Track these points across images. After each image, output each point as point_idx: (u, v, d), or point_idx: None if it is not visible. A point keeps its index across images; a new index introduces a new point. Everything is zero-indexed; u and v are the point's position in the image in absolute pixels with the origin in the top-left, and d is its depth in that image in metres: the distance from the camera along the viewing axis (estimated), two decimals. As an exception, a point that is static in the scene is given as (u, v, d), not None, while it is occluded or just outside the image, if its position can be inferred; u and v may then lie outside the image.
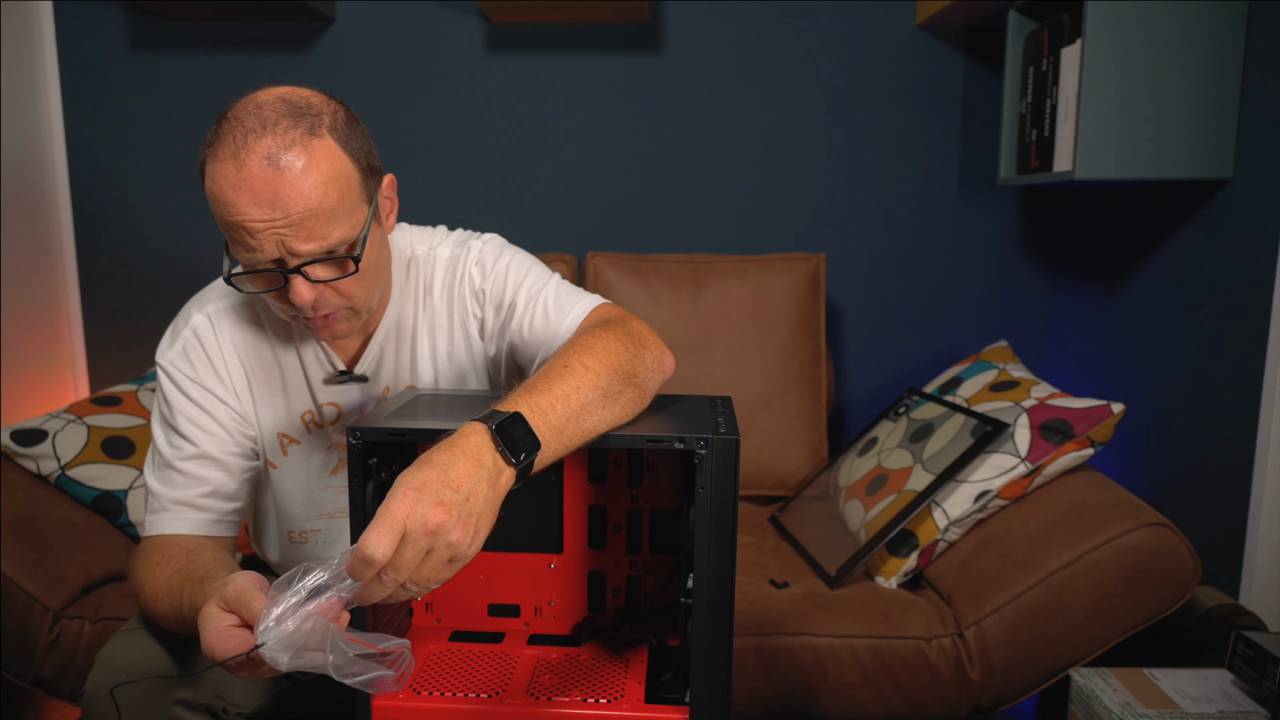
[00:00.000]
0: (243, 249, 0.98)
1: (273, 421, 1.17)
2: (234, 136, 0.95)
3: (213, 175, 0.96)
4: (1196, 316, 1.65)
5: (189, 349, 1.14)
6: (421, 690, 0.92)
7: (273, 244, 0.96)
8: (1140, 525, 1.41)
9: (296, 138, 0.96)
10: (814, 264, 2.06)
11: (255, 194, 0.94)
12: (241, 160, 0.94)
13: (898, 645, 1.44)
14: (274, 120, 0.96)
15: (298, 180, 0.95)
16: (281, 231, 0.96)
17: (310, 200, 0.95)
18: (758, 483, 2.02)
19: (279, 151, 0.95)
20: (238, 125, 0.96)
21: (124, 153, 2.19)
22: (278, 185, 0.94)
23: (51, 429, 1.71)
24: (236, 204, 0.95)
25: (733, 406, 0.97)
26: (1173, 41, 1.55)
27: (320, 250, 0.98)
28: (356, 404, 1.18)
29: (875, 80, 2.14)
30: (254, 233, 0.96)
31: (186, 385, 1.13)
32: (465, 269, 1.17)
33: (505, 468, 0.79)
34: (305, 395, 1.17)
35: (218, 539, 1.13)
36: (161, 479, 1.13)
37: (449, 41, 2.15)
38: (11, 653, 1.48)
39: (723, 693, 0.87)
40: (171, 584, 1.00)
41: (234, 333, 1.15)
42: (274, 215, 0.95)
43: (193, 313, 1.16)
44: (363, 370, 1.17)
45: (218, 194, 0.96)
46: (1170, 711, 1.23)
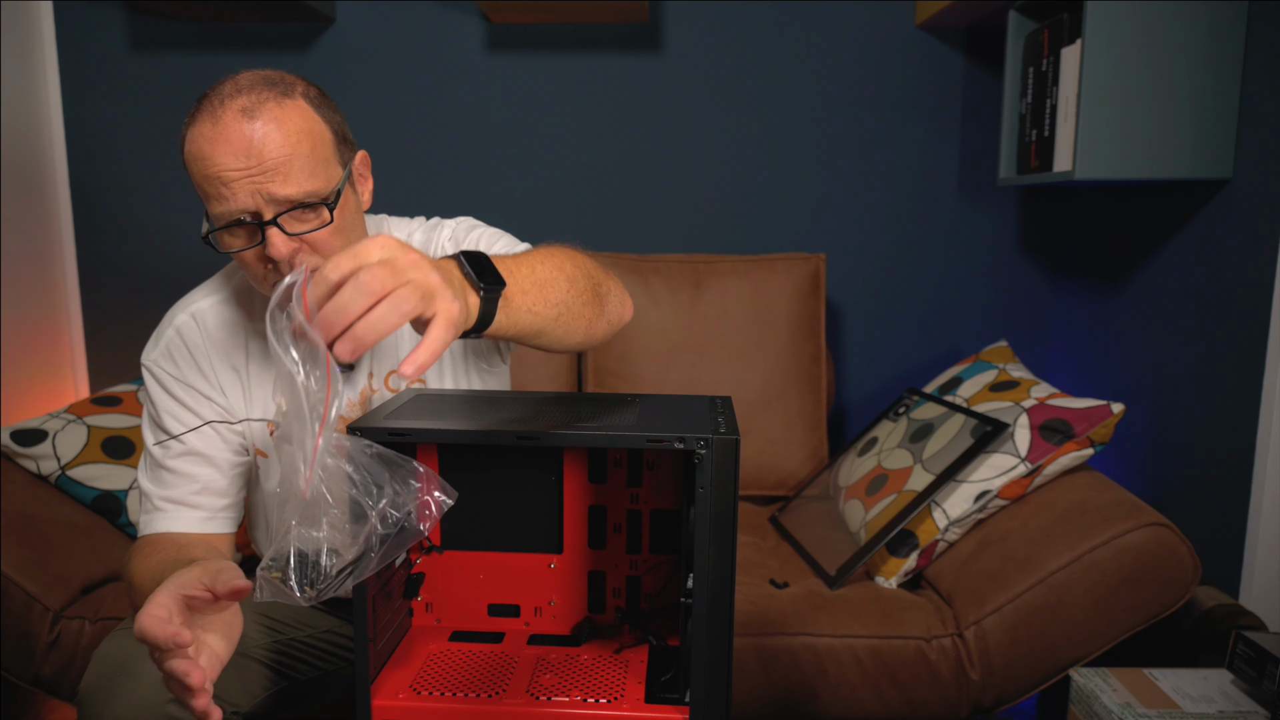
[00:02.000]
0: (219, 202, 1.00)
1: (263, 413, 1.18)
2: (210, 103, 1.01)
3: (191, 139, 1.00)
4: (1196, 316, 1.65)
5: (172, 348, 1.15)
6: (422, 690, 0.92)
7: (248, 193, 0.99)
8: (1140, 525, 1.41)
9: (270, 96, 1.01)
10: (814, 264, 2.06)
11: (230, 144, 0.98)
12: (218, 117, 0.99)
13: (898, 645, 1.44)
14: (249, 85, 1.01)
15: (271, 130, 0.99)
16: (256, 179, 0.98)
17: (283, 147, 0.99)
18: (758, 483, 2.02)
19: (253, 106, 0.99)
20: (214, 94, 1.02)
21: (124, 152, 2.19)
22: (252, 134, 0.98)
23: (52, 429, 1.72)
24: (212, 156, 0.98)
25: (733, 406, 0.97)
26: (1173, 41, 1.55)
27: (296, 195, 1.00)
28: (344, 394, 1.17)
29: (875, 80, 2.14)
30: (229, 182, 0.98)
31: (171, 384, 1.14)
32: (438, 246, 1.19)
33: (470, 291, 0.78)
34: None
35: (212, 535, 1.14)
36: (153, 479, 1.14)
37: (449, 41, 2.15)
38: (12, 653, 1.48)
39: (723, 693, 0.87)
40: (158, 571, 1.01)
41: (217, 329, 1.16)
42: (249, 163, 0.98)
43: (176, 314, 1.18)
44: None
45: (194, 152, 1.00)
46: (1170, 711, 1.23)
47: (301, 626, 1.25)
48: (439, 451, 1.02)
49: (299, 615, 1.26)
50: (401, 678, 0.94)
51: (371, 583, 0.90)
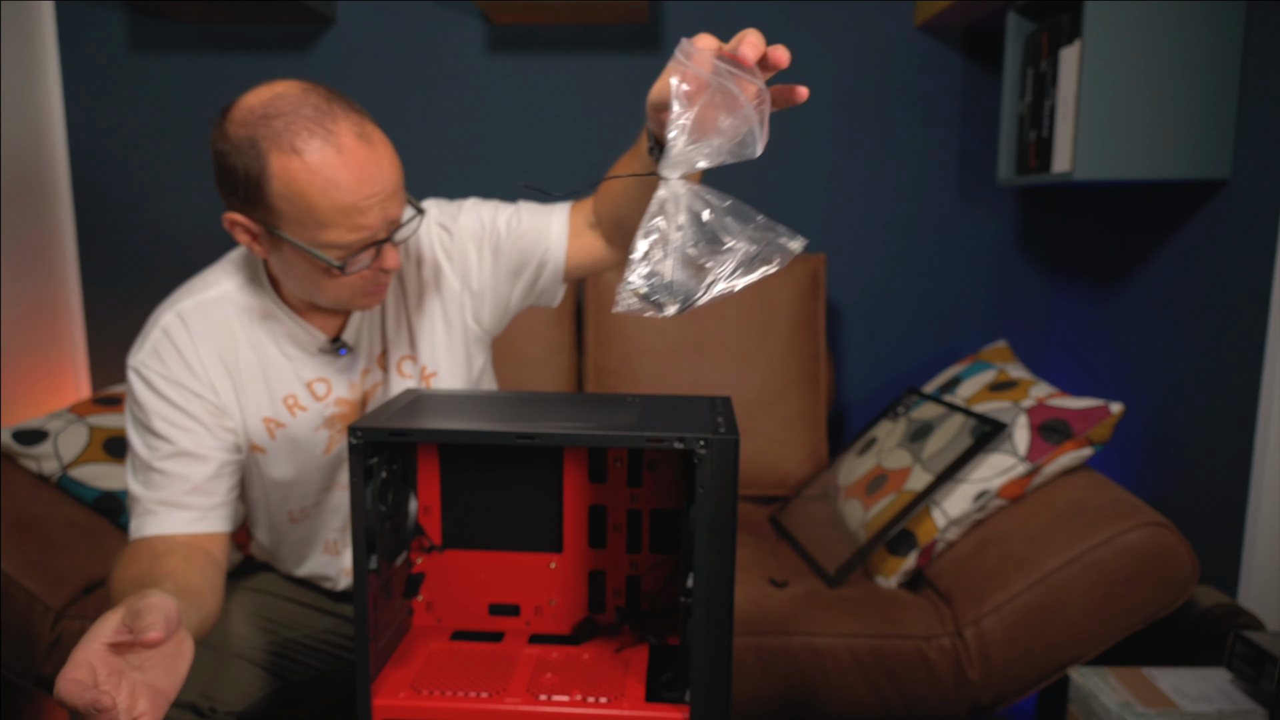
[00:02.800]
0: (352, 231, 0.99)
1: (256, 409, 1.16)
2: (305, 128, 0.97)
3: (307, 168, 0.96)
4: (1195, 316, 1.66)
5: (159, 347, 1.13)
6: (422, 689, 0.92)
7: (379, 218, 1.00)
8: (1139, 525, 1.41)
9: (358, 115, 1.01)
10: (814, 264, 2.06)
11: (363, 169, 0.98)
12: (337, 143, 0.97)
13: (897, 645, 1.44)
14: (326, 105, 0.99)
15: (384, 150, 1.01)
16: (385, 203, 1.00)
17: (396, 167, 1.02)
18: (758, 483, 2.02)
19: (360, 129, 0.99)
20: (295, 118, 0.97)
21: (126, 152, 2.19)
22: (376, 158, 0.99)
23: (53, 429, 1.72)
24: (349, 184, 0.97)
25: (733, 406, 0.98)
26: (1171, 42, 1.55)
27: (402, 214, 1.04)
28: (344, 377, 1.19)
29: (875, 80, 2.15)
30: (365, 210, 0.99)
31: (159, 383, 1.12)
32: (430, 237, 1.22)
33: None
34: (286, 379, 1.17)
35: (203, 536, 1.11)
36: (143, 481, 1.11)
37: (449, 42, 2.15)
38: (13, 652, 1.49)
39: (723, 692, 0.87)
40: (125, 589, 0.97)
41: (205, 328, 1.14)
42: (377, 188, 0.99)
43: (161, 314, 1.17)
44: (348, 340, 1.19)
45: (325, 181, 0.97)
46: (1169, 711, 1.23)
47: (298, 627, 1.25)
48: (439, 451, 1.02)
49: (296, 616, 1.26)
50: (402, 677, 0.94)
51: (372, 582, 0.90)
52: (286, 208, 0.99)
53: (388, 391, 1.22)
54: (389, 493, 0.94)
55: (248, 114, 0.99)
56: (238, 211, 1.05)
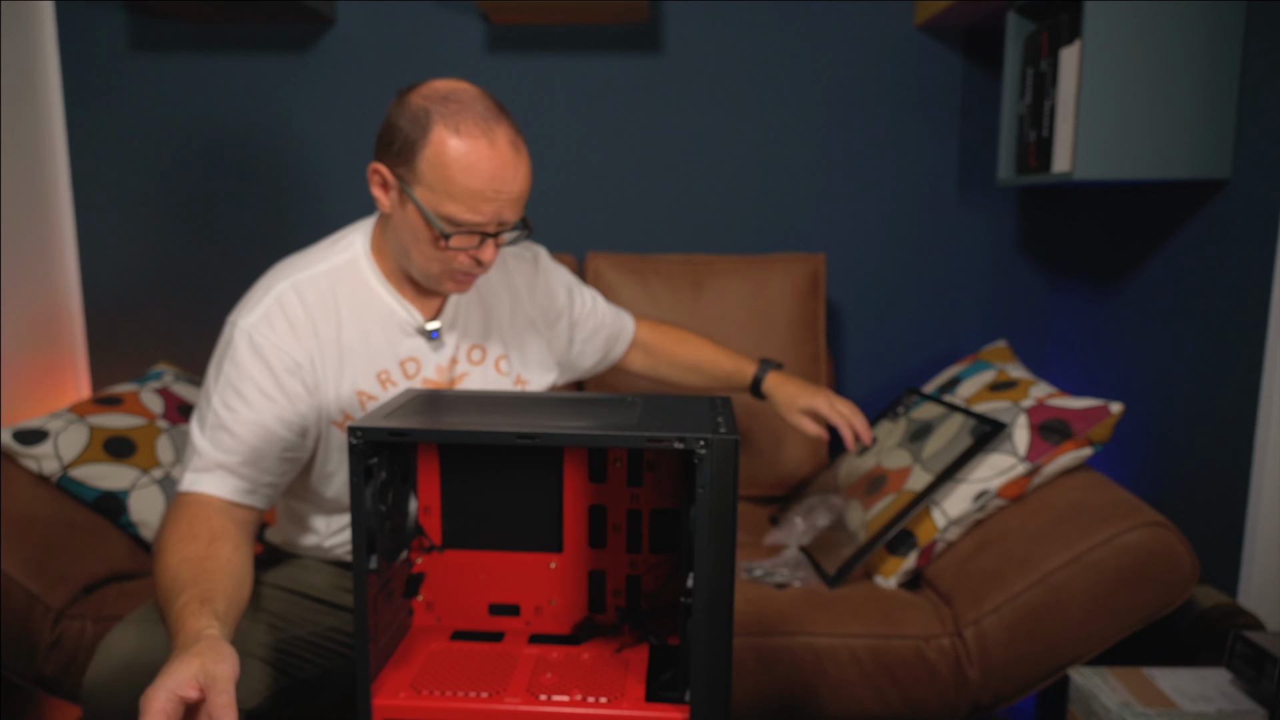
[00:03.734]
0: (470, 211, 1.14)
1: (352, 381, 1.24)
2: (474, 118, 1.13)
3: (462, 148, 1.12)
4: (1195, 316, 1.66)
5: (271, 315, 1.19)
6: (422, 689, 0.92)
7: (495, 212, 1.15)
8: (1139, 525, 1.41)
9: (517, 133, 1.17)
10: (814, 264, 2.06)
11: (505, 169, 1.14)
12: (494, 139, 1.13)
13: (897, 645, 1.44)
14: (496, 113, 1.16)
15: (525, 165, 1.17)
16: (504, 204, 1.15)
17: (526, 183, 1.18)
18: (758, 483, 2.02)
19: (515, 139, 1.16)
20: (468, 109, 1.14)
21: (125, 152, 2.19)
22: (519, 165, 1.16)
23: (53, 429, 1.72)
24: (487, 173, 1.13)
25: (733, 406, 0.98)
26: (1172, 42, 1.55)
27: (517, 220, 1.20)
28: (432, 359, 1.29)
29: (875, 80, 2.15)
30: (489, 200, 1.14)
31: (266, 349, 1.18)
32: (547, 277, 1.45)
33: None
34: (382, 355, 1.26)
35: (246, 509, 1.17)
36: (210, 439, 1.16)
37: (449, 42, 2.15)
38: (13, 652, 1.49)
39: (723, 692, 0.87)
40: (181, 572, 1.02)
41: (317, 300, 1.22)
42: (505, 189, 1.15)
43: (275, 282, 1.23)
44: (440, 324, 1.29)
45: (470, 162, 1.12)
46: (1169, 711, 1.23)
47: (304, 624, 1.25)
48: (439, 451, 1.02)
49: (302, 613, 1.26)
50: (402, 677, 0.94)
51: (372, 582, 0.90)
52: (428, 172, 1.14)
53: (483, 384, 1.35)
54: (389, 492, 0.94)
55: (431, 92, 1.16)
56: (384, 164, 1.18)
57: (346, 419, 1.24)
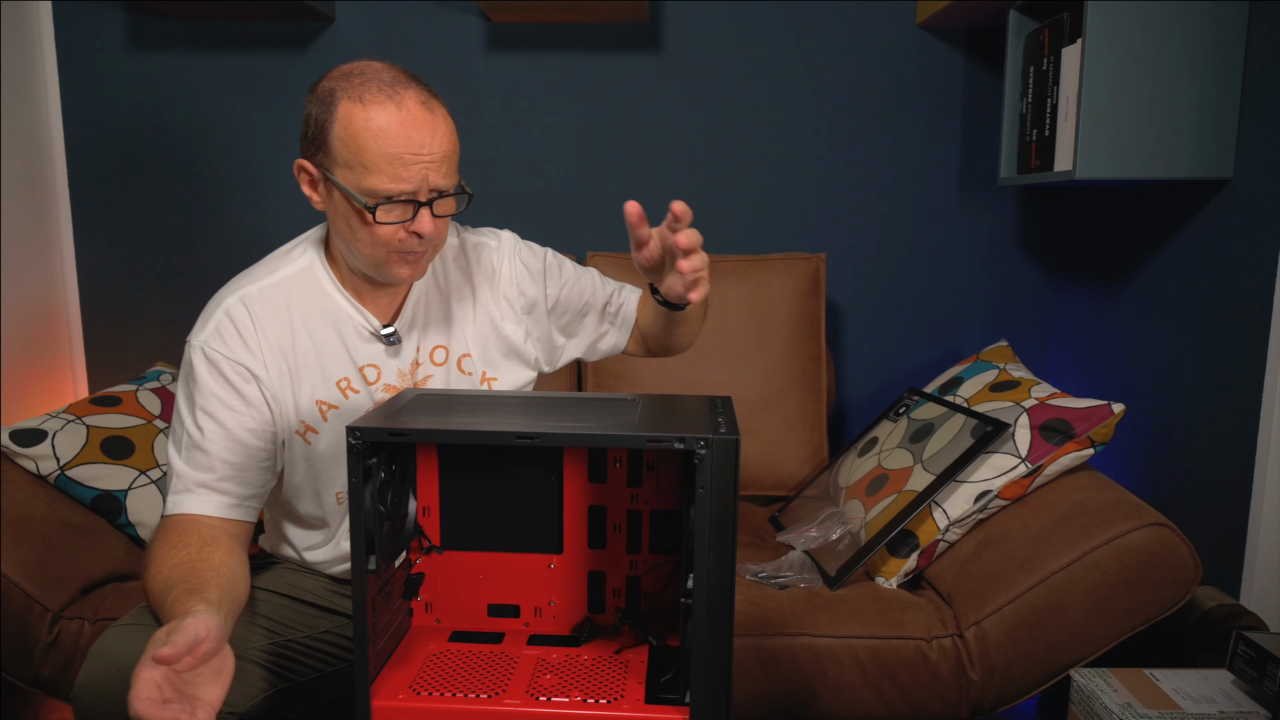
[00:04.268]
0: (390, 180, 1.08)
1: (310, 391, 1.21)
2: (379, 85, 1.09)
3: (367, 115, 1.08)
4: (1196, 316, 1.65)
5: (221, 328, 1.18)
6: (421, 690, 0.92)
7: (419, 177, 1.09)
8: (1141, 525, 1.41)
9: (431, 94, 1.12)
10: (814, 264, 2.05)
11: (418, 129, 1.08)
12: (400, 101, 1.08)
13: (898, 645, 1.44)
14: (404, 79, 1.11)
15: (443, 124, 1.11)
16: (428, 166, 1.10)
17: (450, 142, 1.12)
18: (758, 483, 2.01)
19: (428, 100, 1.11)
20: (373, 79, 1.09)
21: (123, 152, 2.19)
22: (434, 124, 1.10)
23: (51, 429, 1.71)
24: (398, 136, 1.08)
25: (733, 406, 0.97)
26: (1173, 41, 1.55)
27: (449, 186, 1.13)
28: (393, 364, 1.24)
29: (875, 80, 2.14)
30: (408, 164, 1.08)
31: (220, 362, 1.16)
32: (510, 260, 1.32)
33: None
34: (341, 363, 1.22)
35: (234, 523, 1.16)
36: (186, 460, 1.15)
37: (449, 41, 2.15)
38: (11, 653, 1.48)
39: (723, 693, 0.87)
40: (172, 575, 1.03)
41: (266, 313, 1.19)
42: (425, 150, 1.09)
43: (225, 297, 1.21)
44: (398, 329, 1.24)
45: (378, 128, 1.08)
46: (1171, 712, 1.23)
47: (300, 628, 1.25)
48: (439, 451, 1.02)
49: (298, 617, 1.26)
50: (401, 678, 0.94)
51: (371, 583, 0.89)
52: (341, 150, 1.09)
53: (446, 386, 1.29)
54: (388, 493, 0.94)
55: (336, 73, 1.12)
56: (306, 158, 1.14)
57: (307, 429, 1.21)
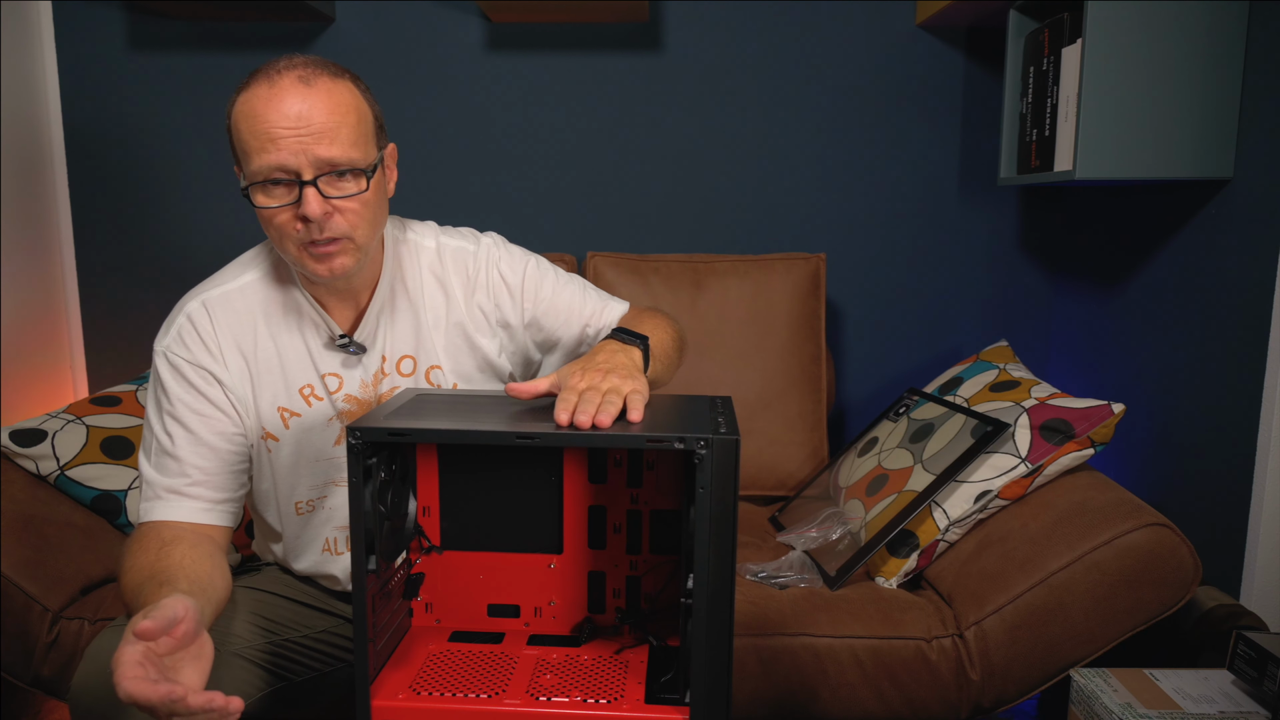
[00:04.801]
0: (261, 155, 1.04)
1: (272, 398, 1.19)
2: (265, 71, 1.06)
3: (243, 100, 1.05)
4: (1197, 316, 1.65)
5: (183, 333, 1.17)
6: (421, 690, 0.92)
7: (293, 150, 1.04)
8: (1141, 525, 1.41)
9: (324, 72, 1.08)
10: (814, 264, 2.05)
11: (286, 103, 1.03)
12: (274, 80, 1.05)
13: (898, 645, 1.44)
14: (303, 62, 1.08)
15: (323, 98, 1.05)
16: (304, 139, 1.03)
17: (334, 114, 1.05)
18: (758, 483, 2.01)
19: (309, 76, 1.06)
20: (269, 67, 1.07)
21: (123, 152, 2.18)
22: (307, 96, 1.04)
23: (51, 429, 1.71)
24: (265, 113, 1.03)
25: (733, 406, 0.97)
26: (1173, 41, 1.54)
27: (339, 159, 1.06)
28: (356, 374, 1.21)
29: (875, 80, 2.14)
30: (276, 138, 1.03)
31: (183, 367, 1.15)
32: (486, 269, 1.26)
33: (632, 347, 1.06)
34: (304, 369, 1.20)
35: (209, 527, 1.14)
36: (156, 466, 1.15)
37: (449, 41, 2.15)
38: (11, 653, 1.48)
39: (723, 693, 0.87)
40: (138, 578, 1.02)
41: (227, 317, 1.18)
42: (299, 124, 1.03)
43: (186, 302, 1.20)
44: (360, 339, 1.21)
45: (245, 110, 1.05)
46: (1171, 712, 1.23)
47: (297, 627, 1.25)
48: (439, 451, 1.02)
49: (295, 616, 1.26)
50: (401, 678, 0.94)
51: (371, 583, 0.89)
52: (232, 141, 1.08)
53: None
54: (388, 493, 0.94)
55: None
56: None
57: (268, 437, 1.20)
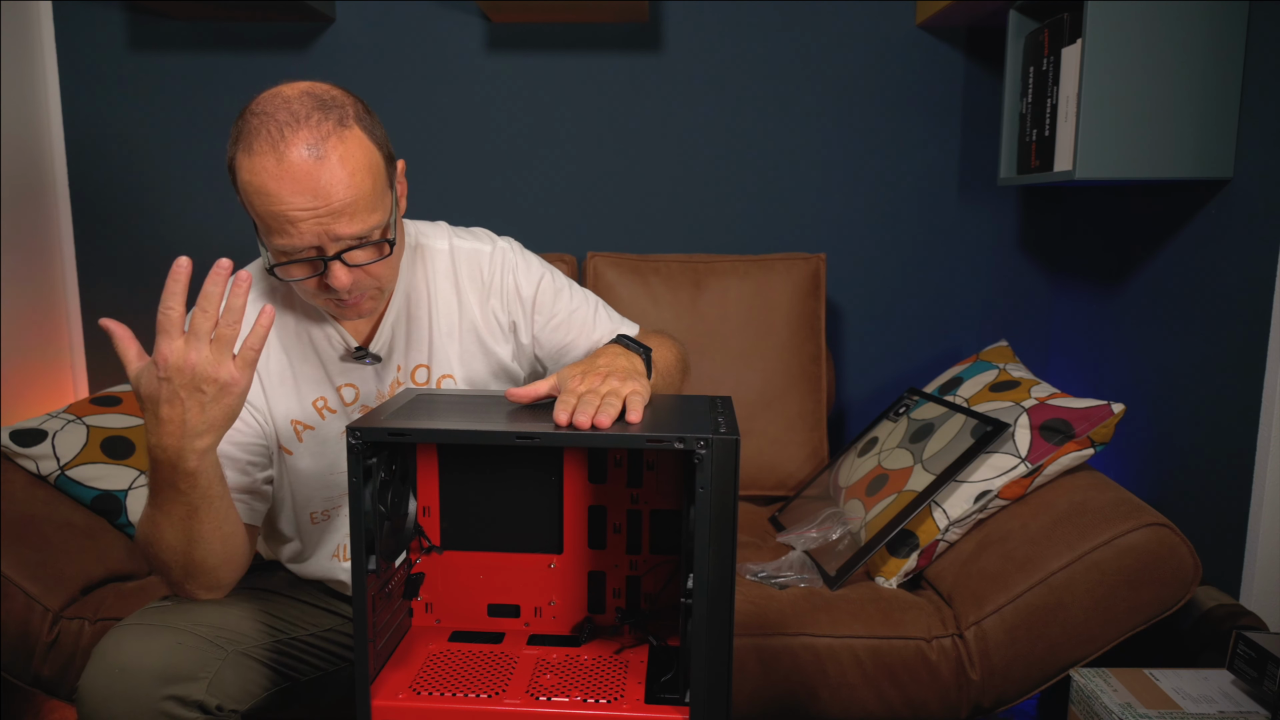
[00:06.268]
0: (282, 237, 1.02)
1: (285, 411, 1.19)
2: (268, 131, 1.00)
3: (251, 169, 1.00)
4: (1196, 316, 1.65)
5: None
6: (421, 690, 0.92)
7: (314, 233, 1.01)
8: (1141, 525, 1.41)
9: (330, 129, 1.01)
10: (814, 264, 2.06)
11: (299, 184, 0.99)
12: (281, 153, 0.99)
13: (898, 645, 1.44)
14: (304, 114, 1.01)
15: (337, 170, 1.00)
16: (324, 220, 1.01)
17: (349, 189, 1.01)
18: (758, 483, 2.01)
19: (317, 143, 1.00)
20: (269, 120, 1.00)
21: (123, 152, 2.19)
22: (319, 175, 0.99)
23: (51, 429, 1.71)
24: (279, 194, 0.99)
25: (733, 406, 0.97)
26: (1173, 41, 1.54)
27: (360, 233, 1.03)
28: (372, 385, 1.21)
29: (875, 80, 2.14)
30: (296, 221, 1.00)
31: None
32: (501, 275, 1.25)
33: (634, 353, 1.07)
34: (318, 382, 1.20)
35: None
36: None
37: (449, 41, 2.15)
38: (11, 653, 1.48)
39: (723, 693, 0.87)
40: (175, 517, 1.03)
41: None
42: (316, 204, 1.00)
43: None
44: (376, 349, 1.20)
45: (258, 186, 1.00)
46: (1171, 712, 1.23)
47: (303, 626, 1.25)
48: (439, 451, 1.02)
49: (300, 615, 1.26)
50: (401, 678, 0.94)
51: (372, 583, 0.89)
52: (244, 202, 1.05)
53: None
54: (388, 493, 0.94)
55: (248, 108, 1.04)
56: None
57: (283, 450, 1.20)
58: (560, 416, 0.88)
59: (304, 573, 1.30)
